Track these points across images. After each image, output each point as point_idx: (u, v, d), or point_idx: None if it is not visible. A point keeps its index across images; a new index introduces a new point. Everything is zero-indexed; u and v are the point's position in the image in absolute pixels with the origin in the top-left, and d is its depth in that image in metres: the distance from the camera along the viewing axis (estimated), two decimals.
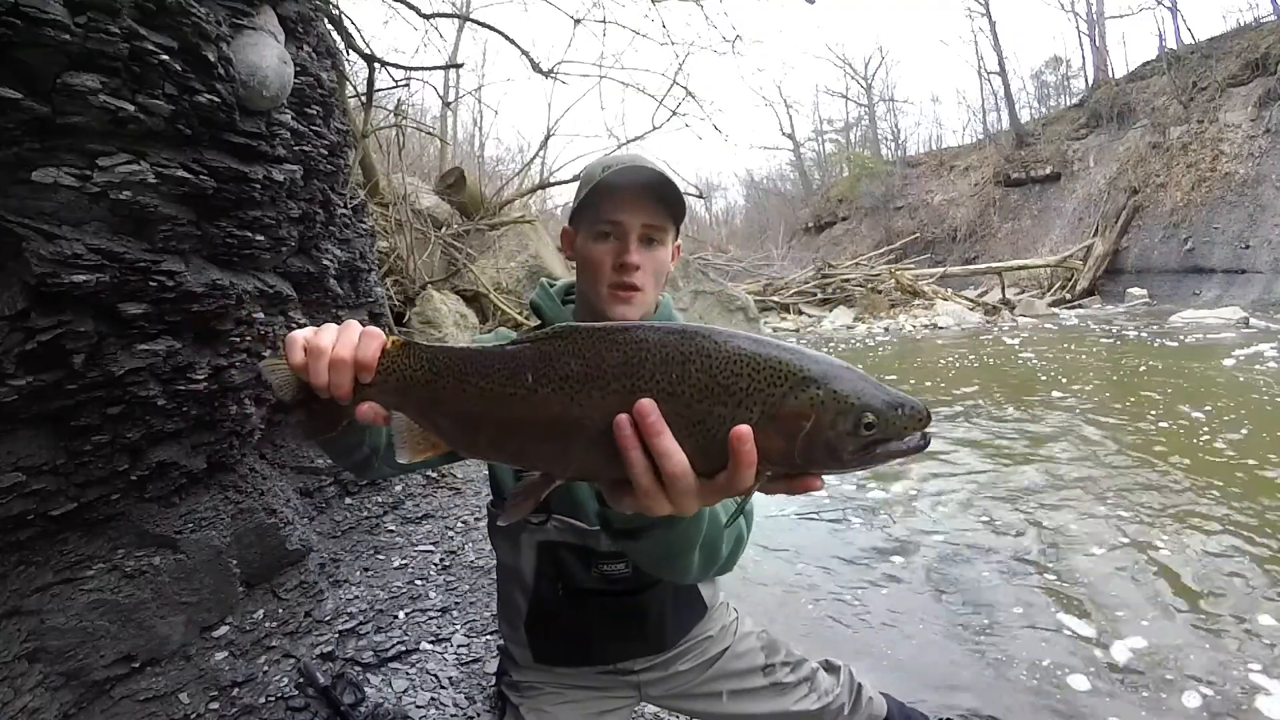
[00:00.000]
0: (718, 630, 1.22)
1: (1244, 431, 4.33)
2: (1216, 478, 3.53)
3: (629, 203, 0.98)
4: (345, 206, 2.83)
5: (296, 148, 2.17)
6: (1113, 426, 4.70)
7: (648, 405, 0.51)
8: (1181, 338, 9.05)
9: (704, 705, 1.20)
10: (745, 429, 0.49)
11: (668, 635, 1.14)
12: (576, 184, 1.07)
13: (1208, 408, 4.96)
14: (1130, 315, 12.68)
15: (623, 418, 0.51)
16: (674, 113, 8.72)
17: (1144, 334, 9.67)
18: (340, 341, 0.62)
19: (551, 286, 1.16)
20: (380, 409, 0.62)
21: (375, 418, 0.62)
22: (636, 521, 0.68)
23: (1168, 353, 7.94)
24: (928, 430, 0.54)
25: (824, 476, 0.54)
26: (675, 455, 0.51)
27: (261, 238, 1.99)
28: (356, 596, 2.32)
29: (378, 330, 0.64)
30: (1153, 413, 4.99)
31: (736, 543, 0.84)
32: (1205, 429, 4.45)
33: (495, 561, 1.23)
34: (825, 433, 0.51)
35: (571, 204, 1.07)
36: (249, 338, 1.97)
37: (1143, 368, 7.02)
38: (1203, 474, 3.62)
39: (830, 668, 1.26)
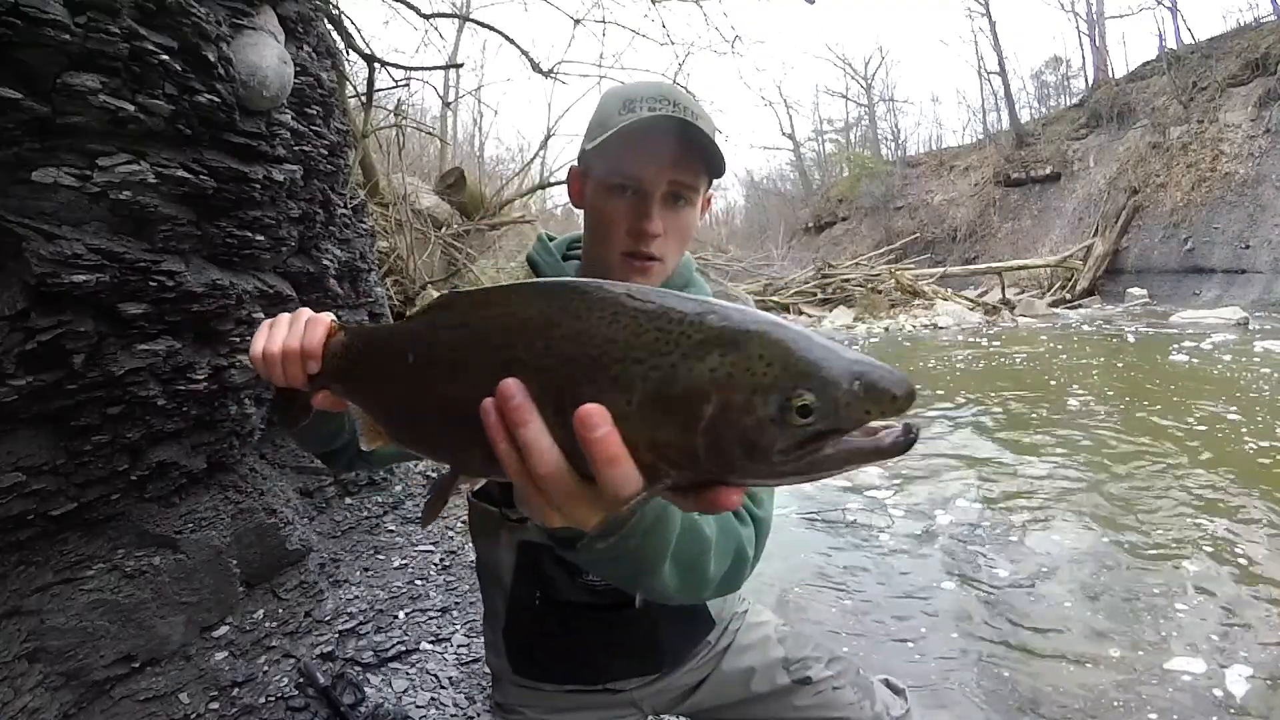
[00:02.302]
0: (722, 634, 1.07)
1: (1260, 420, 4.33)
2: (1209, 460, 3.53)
3: (655, 156, 0.80)
4: (345, 206, 2.82)
5: (296, 148, 2.17)
6: (1123, 428, 4.70)
7: (511, 386, 0.39)
8: (1142, 332, 9.98)
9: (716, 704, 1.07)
10: (593, 409, 0.36)
11: (663, 656, 0.99)
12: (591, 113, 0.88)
13: (1221, 403, 4.97)
14: (1129, 315, 12.68)
15: (487, 402, 0.40)
16: None
17: (1096, 329, 10.84)
18: (290, 332, 0.62)
19: (552, 240, 1.00)
20: (335, 397, 0.61)
21: (333, 405, 0.62)
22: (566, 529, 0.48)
23: (1128, 347, 8.61)
24: (911, 420, 0.36)
25: (754, 488, 0.40)
26: (540, 450, 0.39)
27: (261, 238, 1.98)
28: (356, 596, 2.32)
29: (324, 316, 0.63)
30: (1196, 415, 4.84)
31: (736, 559, 0.69)
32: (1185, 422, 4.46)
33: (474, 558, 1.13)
34: (738, 420, 0.35)
35: (583, 139, 0.87)
36: (249, 338, 1.96)
37: (1120, 363, 7.21)
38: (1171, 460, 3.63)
39: (894, 689, 1.09)
